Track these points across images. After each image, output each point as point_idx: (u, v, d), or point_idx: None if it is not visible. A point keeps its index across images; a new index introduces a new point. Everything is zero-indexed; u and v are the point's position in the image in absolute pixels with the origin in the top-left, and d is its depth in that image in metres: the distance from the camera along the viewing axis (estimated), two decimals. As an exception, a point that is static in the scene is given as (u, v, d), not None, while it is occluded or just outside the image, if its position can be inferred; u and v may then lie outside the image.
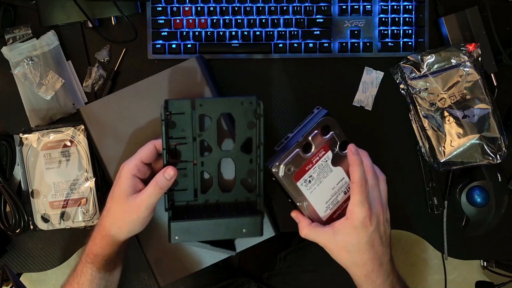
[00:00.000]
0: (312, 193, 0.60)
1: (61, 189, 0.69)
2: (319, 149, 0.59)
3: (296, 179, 0.58)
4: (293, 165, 0.58)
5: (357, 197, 0.56)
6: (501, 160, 0.69)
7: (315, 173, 0.59)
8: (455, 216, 0.75)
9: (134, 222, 0.59)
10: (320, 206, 0.60)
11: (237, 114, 0.60)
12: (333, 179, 0.60)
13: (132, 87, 0.67)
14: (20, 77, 0.72)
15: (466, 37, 0.72)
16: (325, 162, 0.60)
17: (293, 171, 0.58)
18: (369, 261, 0.57)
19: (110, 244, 0.60)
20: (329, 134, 0.59)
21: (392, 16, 0.74)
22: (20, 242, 0.75)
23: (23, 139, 0.69)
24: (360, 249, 0.57)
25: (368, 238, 0.56)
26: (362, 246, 0.57)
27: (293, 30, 0.73)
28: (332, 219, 0.61)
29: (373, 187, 0.58)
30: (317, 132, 0.59)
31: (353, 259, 0.58)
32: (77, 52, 0.75)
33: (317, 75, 0.75)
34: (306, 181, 0.59)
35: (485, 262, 1.24)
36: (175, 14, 0.73)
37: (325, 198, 0.60)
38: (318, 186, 0.60)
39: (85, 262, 0.61)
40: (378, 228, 0.57)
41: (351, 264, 0.58)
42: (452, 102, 0.70)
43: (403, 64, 0.71)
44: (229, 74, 0.75)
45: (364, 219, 0.56)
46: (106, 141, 0.67)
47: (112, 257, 0.61)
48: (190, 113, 0.60)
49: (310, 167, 0.59)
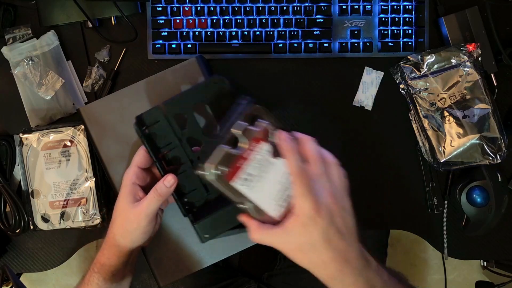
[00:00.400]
0: (255, 192, 0.52)
1: (61, 189, 0.69)
2: (249, 141, 0.52)
3: (231, 180, 0.51)
4: (223, 165, 0.51)
5: (298, 189, 0.49)
6: (501, 160, 0.69)
7: (253, 169, 0.52)
8: (455, 216, 0.75)
9: (135, 231, 0.58)
10: (269, 205, 0.52)
11: (208, 100, 0.58)
12: (278, 173, 0.52)
13: (132, 87, 0.67)
14: (20, 77, 0.72)
15: (466, 37, 0.72)
16: (262, 155, 0.52)
17: (224, 172, 0.51)
18: (329, 261, 0.49)
19: (116, 254, 0.60)
20: (258, 123, 0.53)
21: (392, 16, 0.74)
22: (20, 242, 0.75)
23: (23, 139, 0.69)
24: (316, 248, 0.49)
25: (321, 234, 0.49)
26: (317, 244, 0.49)
27: (293, 30, 0.73)
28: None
29: (319, 175, 0.50)
30: (243, 124, 0.52)
31: (311, 259, 0.50)
32: (77, 52, 0.75)
33: (317, 75, 0.75)
34: (244, 180, 0.52)
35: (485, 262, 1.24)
36: (175, 14, 0.73)
37: (273, 195, 0.52)
38: (260, 183, 0.52)
39: (92, 271, 0.61)
40: (332, 221, 0.49)
41: (311, 266, 0.51)
42: (452, 102, 0.70)
43: (403, 64, 0.71)
44: (229, 74, 0.75)
45: (310, 213, 0.48)
46: (106, 141, 0.67)
47: (118, 268, 0.61)
48: (165, 118, 0.58)
49: (244, 163, 0.52)
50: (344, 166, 0.75)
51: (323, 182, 0.51)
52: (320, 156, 0.52)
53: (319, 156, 0.52)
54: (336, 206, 0.50)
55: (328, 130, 0.75)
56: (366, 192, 0.75)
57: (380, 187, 0.75)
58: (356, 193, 0.75)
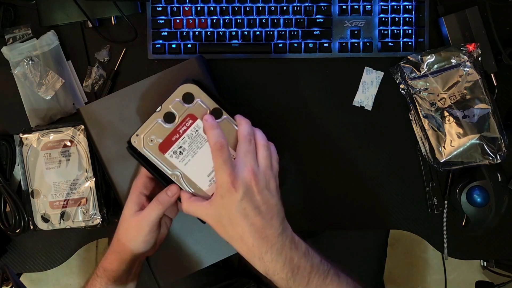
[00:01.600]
0: (187, 166, 0.55)
1: (61, 189, 0.69)
2: (184, 118, 0.55)
3: (162, 151, 0.55)
4: (155, 135, 0.54)
5: (215, 163, 0.52)
6: (501, 160, 0.69)
7: (186, 144, 0.55)
8: (455, 216, 0.75)
9: (136, 240, 0.58)
10: (202, 180, 0.56)
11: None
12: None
13: (132, 87, 0.67)
14: (20, 77, 0.72)
15: (466, 37, 0.72)
16: (196, 131, 0.55)
17: (156, 143, 0.55)
18: (246, 235, 0.51)
19: (118, 260, 0.60)
20: (193, 102, 0.55)
21: (392, 16, 0.74)
22: (20, 242, 0.75)
23: (23, 139, 0.69)
24: (232, 221, 0.52)
25: (237, 207, 0.51)
26: (233, 217, 0.51)
27: (293, 30, 0.73)
28: None
29: (245, 153, 0.53)
30: (178, 100, 0.55)
31: (229, 233, 0.53)
32: (77, 52, 0.75)
33: (317, 75, 0.75)
34: (176, 153, 0.55)
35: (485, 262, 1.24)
36: (175, 14, 0.73)
37: (206, 170, 0.55)
38: (192, 157, 0.55)
39: (95, 275, 0.61)
40: (250, 197, 0.51)
41: (230, 239, 0.53)
42: (452, 102, 0.70)
43: (403, 64, 0.71)
44: (229, 74, 0.75)
45: (226, 185, 0.51)
46: (106, 141, 0.67)
47: (120, 274, 0.60)
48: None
49: (178, 137, 0.55)
50: (344, 166, 0.75)
51: (247, 159, 0.53)
52: (248, 136, 0.55)
53: (248, 137, 0.55)
54: (255, 184, 0.52)
55: (328, 130, 0.75)
56: (366, 192, 0.75)
57: (380, 187, 0.75)
58: (356, 193, 0.76)
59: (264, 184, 0.53)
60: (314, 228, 0.77)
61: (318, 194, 0.76)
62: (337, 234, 0.87)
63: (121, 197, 0.67)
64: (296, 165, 0.75)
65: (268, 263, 0.52)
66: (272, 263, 0.52)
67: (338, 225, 0.77)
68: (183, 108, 0.55)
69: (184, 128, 0.55)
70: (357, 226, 0.76)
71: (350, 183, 0.76)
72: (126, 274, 0.61)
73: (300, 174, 0.75)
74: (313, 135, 0.75)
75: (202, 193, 0.56)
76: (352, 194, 0.76)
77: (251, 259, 0.53)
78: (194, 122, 0.55)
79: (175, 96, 0.55)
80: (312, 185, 0.75)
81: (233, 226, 0.52)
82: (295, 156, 0.75)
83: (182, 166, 0.56)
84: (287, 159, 0.75)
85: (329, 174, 0.75)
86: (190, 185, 0.56)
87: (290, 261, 0.52)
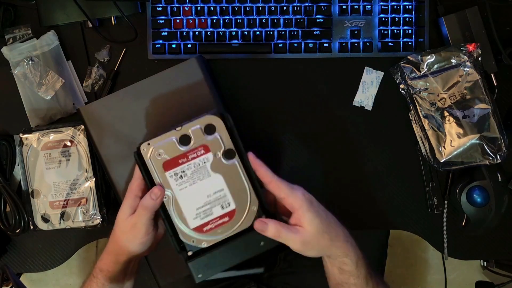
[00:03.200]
0: (181, 191, 0.55)
1: (61, 189, 0.69)
2: (198, 146, 0.54)
3: (165, 168, 0.54)
4: (164, 151, 0.54)
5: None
6: (501, 160, 0.69)
7: (189, 170, 0.55)
8: (455, 216, 0.75)
9: (133, 242, 0.58)
10: (190, 211, 0.55)
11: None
12: (210, 186, 0.55)
13: (132, 87, 0.67)
14: (20, 77, 0.72)
15: (466, 37, 0.72)
16: (203, 163, 0.55)
17: (163, 158, 0.54)
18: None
19: (113, 262, 0.60)
20: (213, 135, 0.55)
21: (392, 16, 0.74)
22: (20, 242, 0.75)
23: (23, 139, 0.69)
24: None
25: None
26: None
27: (293, 30, 0.73)
28: (202, 231, 0.56)
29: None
30: (199, 127, 0.54)
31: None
32: (77, 52, 0.75)
33: (317, 75, 0.75)
34: (177, 175, 0.54)
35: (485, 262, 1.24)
36: (175, 14, 0.73)
37: (197, 203, 0.55)
38: (190, 186, 0.55)
39: (92, 276, 0.61)
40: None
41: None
42: (452, 102, 0.70)
43: (403, 64, 0.71)
44: (229, 74, 0.75)
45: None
46: (106, 141, 0.67)
47: (116, 274, 0.60)
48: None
49: (184, 161, 0.54)
50: (344, 166, 0.75)
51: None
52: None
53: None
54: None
55: (328, 130, 0.75)
56: (366, 192, 0.75)
57: (380, 187, 0.75)
58: (356, 193, 0.76)
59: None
60: (314, 228, 0.77)
61: (318, 194, 0.75)
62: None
63: (121, 197, 0.66)
64: (296, 164, 0.75)
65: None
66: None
67: (338, 225, 0.77)
68: (201, 137, 0.55)
69: (194, 156, 0.55)
70: (357, 226, 0.76)
71: (350, 183, 0.76)
72: (122, 274, 0.61)
73: (299, 174, 0.75)
74: (313, 135, 0.75)
75: (183, 222, 0.56)
76: (352, 194, 0.76)
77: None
78: (206, 154, 0.55)
79: (199, 122, 0.55)
80: (312, 185, 0.75)
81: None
82: (295, 155, 0.75)
83: (177, 190, 0.55)
84: (287, 158, 0.75)
85: (329, 174, 0.75)
86: (176, 211, 0.55)
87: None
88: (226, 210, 0.56)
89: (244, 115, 0.75)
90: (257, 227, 0.54)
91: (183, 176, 0.55)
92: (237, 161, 0.55)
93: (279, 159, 0.75)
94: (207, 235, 0.56)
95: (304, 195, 0.55)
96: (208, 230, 0.56)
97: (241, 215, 0.56)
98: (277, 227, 0.54)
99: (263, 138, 0.75)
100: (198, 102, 0.66)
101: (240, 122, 0.74)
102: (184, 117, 0.66)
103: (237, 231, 0.56)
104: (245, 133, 0.74)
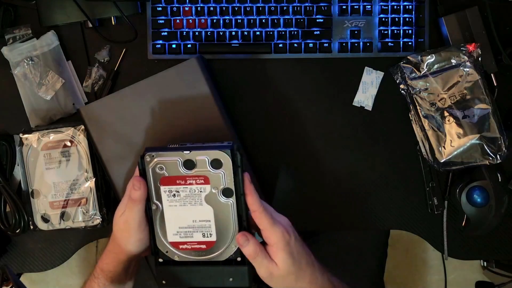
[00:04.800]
0: (170, 208, 0.55)
1: (61, 189, 0.69)
2: (199, 175, 0.54)
3: (162, 183, 0.54)
4: (166, 168, 0.54)
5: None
6: (501, 160, 0.69)
7: (183, 193, 0.55)
8: (455, 216, 0.75)
9: (129, 240, 0.58)
10: (172, 227, 0.56)
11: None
12: (198, 214, 0.56)
13: (132, 87, 0.67)
14: (20, 77, 0.72)
15: (466, 37, 0.72)
16: (199, 191, 0.55)
17: (162, 173, 0.54)
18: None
19: (114, 261, 0.60)
20: (217, 170, 0.54)
21: (392, 16, 0.74)
22: (20, 242, 0.75)
23: (23, 139, 0.69)
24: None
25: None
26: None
27: (293, 30, 0.73)
28: (177, 247, 0.56)
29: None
30: (206, 158, 0.54)
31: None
32: (77, 52, 0.75)
33: (317, 75, 0.75)
34: (171, 192, 0.55)
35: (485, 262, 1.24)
36: (175, 14, 0.73)
37: (181, 223, 0.56)
38: (180, 206, 0.55)
39: (92, 276, 0.62)
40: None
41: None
42: (452, 102, 0.70)
43: (403, 64, 0.71)
44: (229, 74, 0.75)
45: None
46: (106, 141, 0.67)
47: (117, 274, 0.61)
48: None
49: (181, 183, 0.55)
50: (344, 166, 0.75)
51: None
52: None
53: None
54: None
55: (328, 130, 0.75)
56: (366, 192, 0.75)
57: (380, 187, 0.75)
58: (356, 193, 0.76)
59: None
60: (314, 228, 0.77)
61: (318, 194, 0.76)
62: (337, 234, 0.87)
63: (121, 197, 0.67)
64: (296, 165, 0.75)
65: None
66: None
67: (338, 225, 0.77)
68: (205, 168, 0.54)
69: (191, 181, 0.55)
70: (357, 226, 0.76)
71: (350, 183, 0.76)
72: (123, 274, 0.61)
73: (300, 174, 0.75)
74: (313, 135, 0.75)
75: (163, 233, 0.56)
76: (352, 194, 0.76)
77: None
78: (204, 184, 0.55)
79: (208, 154, 0.54)
80: (312, 185, 0.75)
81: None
82: (295, 156, 0.75)
83: (166, 205, 0.55)
84: (287, 159, 0.75)
85: (329, 174, 0.75)
86: (159, 222, 0.56)
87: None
88: (206, 239, 0.56)
89: (244, 115, 0.75)
90: (239, 240, 0.54)
91: (176, 195, 0.55)
92: (232, 201, 0.55)
93: (278, 159, 0.75)
94: (182, 252, 0.57)
95: (283, 234, 0.54)
96: (183, 249, 0.57)
97: (218, 248, 0.56)
98: (256, 249, 0.54)
99: (262, 138, 0.75)
100: (198, 102, 0.66)
101: (239, 122, 0.74)
102: (184, 117, 0.66)
103: (213, 260, 0.57)
104: (245, 134, 0.74)
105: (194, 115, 0.67)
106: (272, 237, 0.54)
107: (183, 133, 0.66)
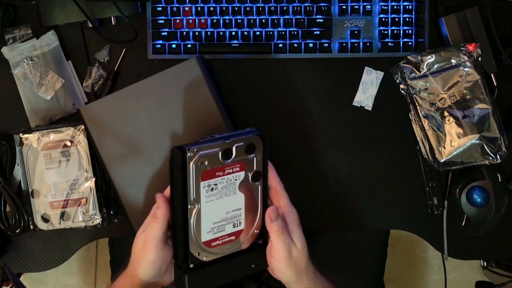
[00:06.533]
0: (208, 204, 0.53)
1: (61, 189, 0.69)
2: (236, 162, 0.54)
3: (202, 178, 0.52)
4: (208, 161, 0.52)
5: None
6: (501, 160, 0.69)
7: (221, 184, 0.54)
8: (455, 216, 0.75)
9: (144, 261, 0.56)
10: (207, 224, 0.54)
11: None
12: (231, 204, 0.55)
13: (132, 87, 0.67)
14: (20, 77, 0.72)
15: (466, 37, 0.72)
16: (234, 180, 0.54)
17: (204, 167, 0.52)
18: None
19: (128, 285, 0.59)
20: (251, 154, 0.54)
21: (392, 16, 0.74)
22: (20, 242, 0.75)
23: (23, 139, 0.69)
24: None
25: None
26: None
27: (293, 30, 0.73)
28: (210, 246, 0.55)
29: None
30: (242, 145, 0.54)
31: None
32: (77, 52, 0.75)
33: (317, 75, 0.75)
34: (209, 186, 0.53)
35: (485, 262, 1.24)
36: (175, 14, 0.73)
37: (215, 218, 0.54)
38: (216, 200, 0.54)
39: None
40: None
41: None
42: (452, 102, 0.70)
43: (403, 64, 0.71)
44: (229, 74, 0.75)
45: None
46: (106, 141, 0.67)
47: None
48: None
49: (220, 174, 0.53)
50: (344, 166, 0.75)
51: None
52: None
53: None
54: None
55: (328, 130, 0.75)
56: (366, 192, 0.75)
57: (380, 187, 0.75)
58: (356, 193, 0.76)
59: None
60: (314, 228, 0.77)
61: (318, 194, 0.76)
62: (337, 234, 0.87)
63: (121, 197, 0.67)
64: (296, 165, 0.75)
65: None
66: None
67: (338, 225, 0.77)
68: (241, 154, 0.54)
69: (229, 171, 0.54)
70: (357, 226, 0.76)
71: (350, 183, 0.76)
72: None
73: (300, 174, 0.75)
74: (313, 135, 0.75)
75: (198, 233, 0.54)
76: (352, 194, 0.76)
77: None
78: (239, 172, 0.54)
79: (243, 140, 0.54)
80: (312, 185, 0.75)
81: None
82: (295, 156, 0.75)
83: (204, 202, 0.53)
84: (287, 159, 0.75)
85: (329, 174, 0.75)
86: (196, 222, 0.53)
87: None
88: (236, 229, 0.56)
89: (244, 115, 0.75)
90: (271, 215, 0.55)
91: (214, 188, 0.54)
92: (260, 185, 0.56)
93: (278, 159, 0.75)
94: (212, 250, 0.55)
95: (298, 216, 0.56)
96: (215, 246, 0.55)
97: (245, 236, 0.57)
98: (283, 225, 0.55)
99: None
100: (198, 102, 0.67)
101: (239, 122, 0.74)
102: (184, 116, 0.66)
103: (236, 250, 0.57)
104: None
105: (194, 115, 0.67)
106: (291, 214, 0.56)
107: (183, 133, 0.66)
